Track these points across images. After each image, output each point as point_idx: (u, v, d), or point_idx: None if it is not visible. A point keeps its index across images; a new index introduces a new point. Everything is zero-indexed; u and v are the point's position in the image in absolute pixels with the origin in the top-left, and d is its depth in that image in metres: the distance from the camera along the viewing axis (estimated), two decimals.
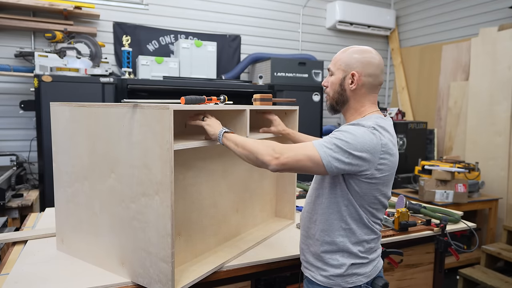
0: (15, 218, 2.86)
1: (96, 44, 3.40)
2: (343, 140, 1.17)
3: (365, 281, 1.30)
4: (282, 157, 1.18)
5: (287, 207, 2.06)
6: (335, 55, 1.35)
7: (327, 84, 1.36)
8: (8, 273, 1.38)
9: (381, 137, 1.20)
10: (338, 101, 1.34)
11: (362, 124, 1.22)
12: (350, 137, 1.17)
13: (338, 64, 1.32)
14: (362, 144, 1.17)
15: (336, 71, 1.32)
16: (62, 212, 1.58)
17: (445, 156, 4.29)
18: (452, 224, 2.07)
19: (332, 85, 1.34)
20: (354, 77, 1.28)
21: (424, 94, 4.93)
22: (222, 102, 1.62)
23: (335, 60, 1.33)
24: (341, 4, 4.79)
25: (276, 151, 1.19)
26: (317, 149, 1.17)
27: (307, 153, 1.18)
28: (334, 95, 1.33)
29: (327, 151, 1.17)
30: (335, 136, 1.19)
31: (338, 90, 1.32)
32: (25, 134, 3.60)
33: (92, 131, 1.41)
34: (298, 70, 4.13)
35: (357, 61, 1.28)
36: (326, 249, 1.31)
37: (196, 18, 4.25)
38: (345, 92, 1.31)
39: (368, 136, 1.18)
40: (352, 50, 1.31)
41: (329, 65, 1.36)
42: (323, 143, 1.19)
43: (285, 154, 1.18)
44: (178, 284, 1.28)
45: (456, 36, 4.56)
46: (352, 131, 1.19)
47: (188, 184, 1.48)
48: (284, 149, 1.20)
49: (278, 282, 1.65)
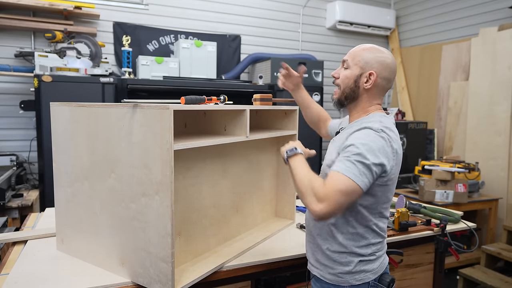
0: (15, 218, 2.86)
1: (96, 44, 3.40)
2: (363, 156, 1.13)
3: (373, 278, 1.31)
4: (325, 204, 1.10)
5: (287, 207, 2.06)
6: (353, 49, 1.31)
7: (337, 75, 1.33)
8: (8, 273, 1.38)
9: (389, 139, 1.20)
10: (348, 97, 1.31)
11: (369, 127, 1.20)
12: (367, 148, 1.14)
13: (357, 59, 1.28)
14: (379, 151, 1.15)
15: (353, 66, 1.29)
16: (62, 212, 1.58)
17: (445, 156, 4.29)
18: (452, 224, 2.07)
19: (345, 79, 1.30)
20: (371, 76, 1.27)
21: (424, 94, 4.93)
22: (222, 102, 1.62)
23: (354, 54, 1.29)
24: (341, 4, 4.79)
25: (318, 197, 1.11)
26: (349, 177, 1.11)
27: (345, 189, 1.10)
28: (345, 89, 1.31)
29: (357, 175, 1.12)
30: (355, 153, 1.14)
31: (351, 85, 1.30)
32: (25, 134, 3.60)
33: (92, 131, 1.41)
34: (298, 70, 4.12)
35: (376, 61, 1.27)
36: (335, 249, 1.31)
37: (196, 18, 4.25)
38: (358, 90, 1.29)
39: (380, 142, 1.17)
40: (373, 49, 1.29)
41: (345, 57, 1.31)
42: (349, 168, 1.12)
43: (326, 200, 1.10)
44: (178, 284, 1.28)
45: (456, 36, 4.56)
46: (365, 141, 1.16)
47: (188, 184, 1.48)
48: (322, 191, 1.11)
49: (278, 282, 1.65)
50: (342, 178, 1.11)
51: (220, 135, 1.56)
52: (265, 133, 1.75)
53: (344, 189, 1.10)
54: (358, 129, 1.22)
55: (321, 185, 1.13)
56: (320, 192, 1.11)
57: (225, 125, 1.60)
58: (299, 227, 1.95)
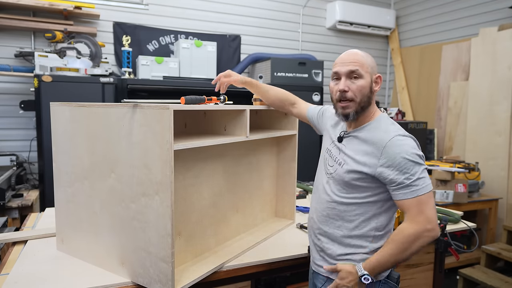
0: (15, 218, 2.86)
1: (96, 44, 3.40)
2: (413, 167, 1.20)
3: (384, 275, 1.31)
4: (428, 222, 1.19)
5: (287, 207, 2.06)
6: (356, 58, 1.28)
7: (348, 88, 1.27)
8: (8, 273, 1.38)
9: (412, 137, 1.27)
10: (364, 106, 1.29)
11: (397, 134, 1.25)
12: (413, 157, 1.21)
13: (365, 67, 1.28)
14: (420, 155, 1.24)
15: (365, 74, 1.27)
16: (62, 212, 1.58)
17: (445, 156, 4.28)
18: (452, 224, 2.07)
19: (362, 89, 1.27)
20: (378, 79, 1.32)
21: (424, 94, 4.93)
22: (222, 102, 1.62)
23: (361, 63, 1.27)
24: (341, 4, 4.79)
25: (429, 228, 1.19)
26: (421, 194, 1.20)
27: (425, 201, 1.20)
28: (362, 99, 1.28)
29: (423, 184, 1.21)
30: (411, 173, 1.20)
31: (368, 94, 1.28)
32: (25, 134, 3.59)
33: (92, 131, 1.41)
34: (298, 70, 4.13)
35: (374, 63, 1.32)
36: (350, 251, 1.32)
37: (196, 18, 4.25)
38: (372, 95, 1.31)
39: (413, 143, 1.25)
40: (366, 53, 1.32)
41: (351, 67, 1.27)
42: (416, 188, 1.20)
43: (428, 220, 1.19)
44: (178, 284, 1.28)
45: (456, 36, 4.56)
46: (410, 151, 1.21)
47: (188, 184, 1.48)
48: (432, 220, 1.20)
49: (278, 282, 1.65)
50: (421, 198, 1.19)
51: (220, 135, 1.56)
52: (265, 133, 1.75)
53: (427, 203, 1.20)
54: (389, 140, 1.24)
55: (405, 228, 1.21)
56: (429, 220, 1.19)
57: (225, 125, 1.60)
58: (299, 227, 1.95)
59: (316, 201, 1.43)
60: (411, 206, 1.20)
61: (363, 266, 1.25)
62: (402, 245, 1.20)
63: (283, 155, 2.03)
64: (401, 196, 1.21)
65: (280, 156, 2.03)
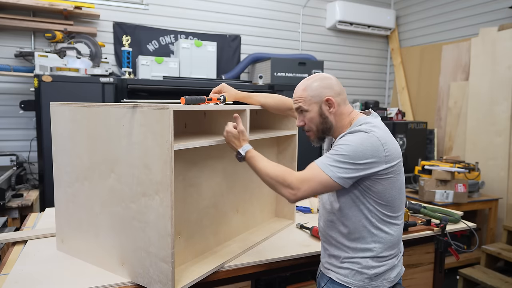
0: (15, 218, 2.86)
1: (96, 44, 3.40)
2: (343, 155, 1.21)
3: (388, 286, 1.32)
4: (299, 192, 1.24)
5: (287, 207, 2.06)
6: (298, 94, 1.37)
7: (303, 123, 1.38)
8: (8, 273, 1.38)
9: (375, 134, 1.24)
10: (324, 130, 1.36)
11: (359, 130, 1.25)
12: (349, 149, 1.21)
13: (307, 100, 1.34)
14: (363, 152, 1.21)
15: (308, 107, 1.34)
16: (62, 212, 1.58)
17: (445, 156, 4.28)
18: (452, 224, 2.07)
19: (312, 120, 1.35)
20: (329, 101, 1.33)
21: (424, 94, 4.93)
22: (222, 102, 1.62)
23: (302, 98, 1.35)
24: (341, 4, 4.79)
25: (293, 186, 1.24)
26: (325, 172, 1.22)
27: (319, 180, 1.22)
28: (318, 127, 1.36)
29: (334, 170, 1.21)
30: (336, 153, 1.23)
31: (320, 121, 1.35)
32: (25, 134, 3.60)
33: (92, 131, 1.41)
34: (298, 70, 4.13)
35: (322, 88, 1.33)
36: (354, 256, 1.32)
37: (196, 18, 4.25)
38: (328, 119, 1.34)
39: (366, 140, 1.22)
40: (310, 81, 1.35)
41: (295, 106, 1.38)
42: (328, 163, 1.22)
43: (301, 189, 1.23)
44: (178, 284, 1.28)
45: (456, 36, 4.56)
46: (350, 141, 1.23)
47: (188, 184, 1.48)
48: (299, 183, 1.24)
49: (278, 282, 1.65)
50: (319, 172, 1.22)
51: (220, 135, 1.56)
52: (265, 133, 1.75)
53: (319, 182, 1.22)
54: (349, 132, 1.27)
55: (290, 173, 1.27)
56: (297, 181, 1.24)
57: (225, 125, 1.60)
58: (299, 227, 1.95)
59: (322, 206, 1.46)
60: (308, 168, 1.26)
61: (247, 151, 1.38)
62: (271, 169, 1.30)
63: (283, 155, 2.03)
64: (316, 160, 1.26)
65: (280, 156, 2.03)
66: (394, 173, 1.26)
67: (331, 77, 1.37)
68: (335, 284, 1.34)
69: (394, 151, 1.26)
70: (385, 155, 1.22)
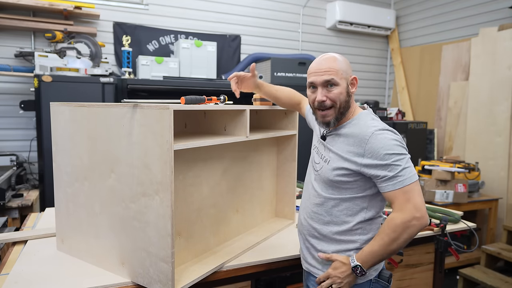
0: (15, 218, 2.86)
1: (96, 44, 3.40)
2: (398, 158, 1.20)
3: (374, 275, 1.32)
4: (418, 211, 1.19)
5: (287, 207, 2.06)
6: (330, 66, 1.28)
7: (325, 98, 1.28)
8: (8, 273, 1.38)
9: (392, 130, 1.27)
10: (344, 111, 1.30)
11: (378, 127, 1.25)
12: (396, 149, 1.21)
13: (339, 74, 1.28)
14: (401, 144, 1.24)
15: (340, 81, 1.28)
16: (62, 212, 1.58)
17: (445, 156, 4.28)
18: (452, 224, 2.07)
19: (340, 96, 1.28)
20: (354, 80, 1.32)
21: (424, 94, 4.93)
22: (222, 102, 1.62)
23: (335, 70, 1.27)
24: (341, 4, 4.79)
25: (418, 216, 1.18)
26: (407, 184, 1.20)
27: (412, 189, 1.20)
28: (341, 104, 1.29)
29: (411, 174, 1.21)
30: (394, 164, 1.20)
31: (346, 99, 1.29)
32: (25, 134, 3.60)
33: (92, 131, 1.41)
34: (298, 70, 4.13)
35: (348, 66, 1.32)
36: (339, 249, 1.32)
37: (196, 18, 4.25)
38: (350, 98, 1.32)
39: (394, 138, 1.24)
40: (338, 56, 1.31)
41: (326, 77, 1.27)
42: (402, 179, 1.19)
43: (417, 208, 1.19)
44: (178, 284, 1.28)
45: (456, 36, 4.56)
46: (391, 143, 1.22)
47: (188, 184, 1.48)
48: (420, 208, 1.19)
49: (278, 282, 1.65)
50: (408, 188, 1.19)
51: (220, 135, 1.56)
52: (265, 133, 1.75)
53: (414, 190, 1.20)
54: (370, 136, 1.24)
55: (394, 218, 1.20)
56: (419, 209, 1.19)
57: (225, 125, 1.60)
58: None
59: (305, 198, 1.44)
60: (397, 196, 1.20)
61: (355, 257, 1.26)
62: (393, 234, 1.19)
63: (283, 155, 2.03)
64: (388, 188, 1.21)
65: (280, 156, 2.03)
66: None
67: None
68: None
69: None
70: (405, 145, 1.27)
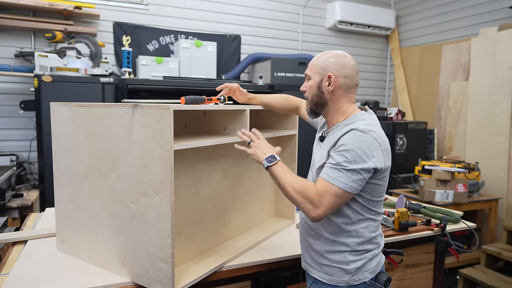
0: (15, 218, 2.86)
1: (96, 44, 3.40)
2: (348, 161, 1.19)
3: (370, 277, 1.31)
4: (320, 210, 1.21)
5: (287, 207, 2.06)
6: (311, 62, 1.39)
7: (305, 88, 1.40)
8: (8, 273, 1.38)
9: (373, 134, 1.23)
10: (317, 104, 1.37)
11: (355, 128, 1.23)
12: (353, 154, 1.19)
13: (314, 68, 1.36)
14: (366, 154, 1.20)
15: (313, 75, 1.36)
16: (62, 212, 1.58)
17: (445, 156, 4.28)
18: (452, 224, 2.07)
19: (310, 88, 1.37)
20: (330, 79, 1.32)
21: (424, 94, 4.93)
22: (222, 102, 1.62)
23: (311, 65, 1.37)
24: (341, 4, 4.79)
25: (314, 204, 1.21)
26: (336, 185, 1.20)
27: (334, 193, 1.20)
28: (313, 98, 1.37)
29: (344, 181, 1.19)
30: (341, 162, 1.20)
31: (317, 93, 1.36)
32: (25, 134, 3.59)
33: (92, 131, 1.41)
34: (298, 70, 4.13)
35: (332, 64, 1.33)
36: (331, 249, 1.32)
37: (196, 18, 4.25)
38: (323, 95, 1.35)
39: (367, 141, 1.21)
40: (327, 55, 1.35)
41: (305, 71, 1.40)
42: (336, 177, 1.20)
43: (321, 207, 1.20)
44: (178, 284, 1.28)
45: (456, 36, 4.56)
46: (351, 145, 1.20)
47: (188, 184, 1.48)
48: (316, 197, 1.21)
49: (278, 282, 1.65)
50: (330, 186, 1.20)
51: (220, 135, 1.56)
52: (265, 133, 1.75)
53: (335, 196, 1.20)
54: (345, 133, 1.25)
55: (314, 192, 1.22)
56: (316, 199, 1.21)
57: (225, 125, 1.60)
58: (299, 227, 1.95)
59: None
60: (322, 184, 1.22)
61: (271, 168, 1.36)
62: (296, 185, 1.25)
63: (283, 155, 2.02)
64: (321, 175, 1.23)
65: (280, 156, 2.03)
66: (387, 171, 1.28)
67: (350, 60, 1.34)
68: (320, 283, 1.35)
69: (388, 151, 1.27)
70: (383, 155, 1.23)
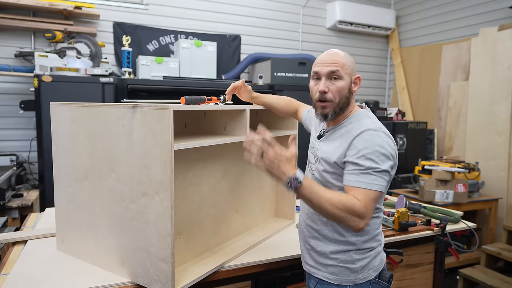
0: (15, 218, 2.86)
1: (96, 44, 3.40)
2: (377, 163, 1.17)
3: (374, 275, 1.31)
4: (366, 219, 1.14)
5: (287, 207, 2.06)
6: (337, 58, 1.27)
7: (327, 90, 1.27)
8: (8, 273, 1.38)
9: (384, 131, 1.24)
10: (343, 107, 1.30)
11: (369, 128, 1.22)
12: (378, 155, 1.17)
13: (345, 68, 1.27)
14: (389, 152, 1.19)
15: (344, 75, 1.27)
16: (62, 212, 1.58)
17: (445, 156, 4.28)
18: (452, 224, 2.07)
19: (341, 90, 1.27)
20: (357, 80, 1.31)
21: (424, 94, 4.93)
22: (222, 102, 1.62)
23: (342, 64, 1.27)
24: (341, 4, 4.79)
25: (360, 215, 1.12)
26: (374, 189, 1.16)
27: (374, 198, 1.16)
28: (341, 100, 1.28)
29: (379, 183, 1.16)
30: (371, 165, 1.17)
31: (347, 95, 1.29)
32: (25, 134, 3.59)
33: (92, 131, 1.41)
34: (298, 70, 4.13)
35: (353, 64, 1.31)
36: (339, 249, 1.31)
37: (196, 18, 4.25)
38: (351, 96, 1.31)
39: (384, 140, 1.20)
40: (346, 54, 1.31)
41: (331, 68, 1.26)
42: (371, 181, 1.16)
43: (367, 215, 1.14)
44: (178, 284, 1.28)
45: (456, 36, 4.56)
46: (373, 147, 1.18)
47: (188, 184, 1.48)
48: (363, 209, 1.13)
49: (278, 282, 1.65)
50: (369, 192, 1.15)
51: (220, 135, 1.56)
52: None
53: (375, 200, 1.17)
54: (358, 134, 1.23)
55: (359, 204, 1.13)
56: (361, 209, 1.12)
57: (225, 125, 1.60)
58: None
59: None
60: (361, 193, 1.15)
61: (303, 177, 1.14)
62: (339, 204, 1.11)
63: None
64: (353, 183, 1.17)
65: None
66: (396, 165, 1.26)
67: None
68: (325, 284, 1.34)
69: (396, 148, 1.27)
70: (396, 151, 1.24)
